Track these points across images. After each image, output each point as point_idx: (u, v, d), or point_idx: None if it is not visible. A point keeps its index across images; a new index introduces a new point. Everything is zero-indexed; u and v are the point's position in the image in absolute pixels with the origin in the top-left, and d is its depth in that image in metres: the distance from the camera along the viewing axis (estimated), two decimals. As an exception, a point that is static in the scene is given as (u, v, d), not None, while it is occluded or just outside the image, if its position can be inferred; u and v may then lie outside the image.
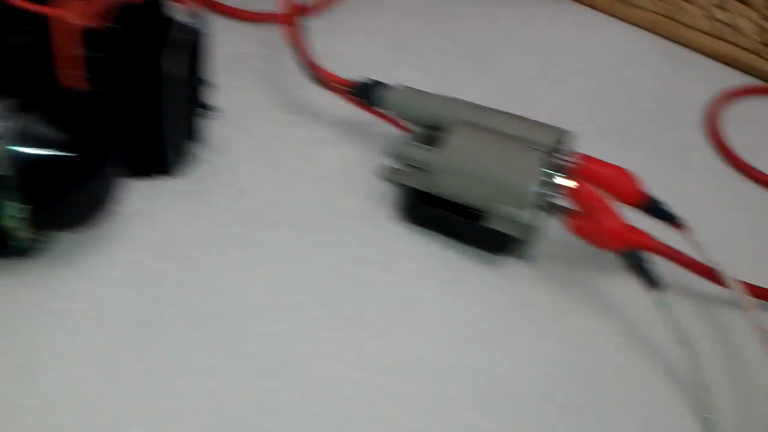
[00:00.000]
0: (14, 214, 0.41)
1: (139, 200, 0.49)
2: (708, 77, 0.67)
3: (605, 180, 0.46)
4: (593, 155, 0.47)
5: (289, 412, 0.41)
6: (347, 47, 0.64)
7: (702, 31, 0.70)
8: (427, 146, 0.48)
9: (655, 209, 0.47)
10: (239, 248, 0.48)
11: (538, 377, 0.44)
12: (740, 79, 0.68)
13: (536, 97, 0.62)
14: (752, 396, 0.44)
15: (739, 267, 0.46)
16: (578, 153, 0.47)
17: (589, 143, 0.49)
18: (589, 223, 0.45)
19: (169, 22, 0.48)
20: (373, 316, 0.46)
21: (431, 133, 0.49)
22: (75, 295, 0.44)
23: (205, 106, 0.52)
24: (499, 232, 0.47)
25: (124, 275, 0.45)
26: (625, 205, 0.47)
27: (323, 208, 0.51)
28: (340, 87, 0.53)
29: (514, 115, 0.49)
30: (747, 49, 0.68)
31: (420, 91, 0.51)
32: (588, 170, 0.46)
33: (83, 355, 0.42)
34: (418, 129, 0.51)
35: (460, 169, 0.46)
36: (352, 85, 0.53)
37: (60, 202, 0.42)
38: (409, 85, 0.52)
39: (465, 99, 0.51)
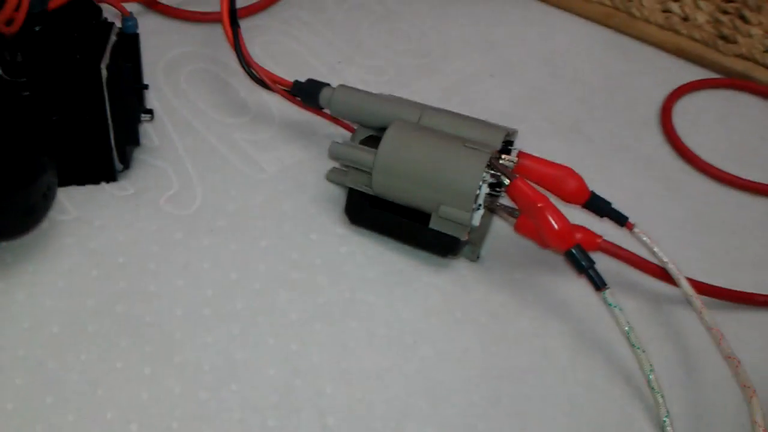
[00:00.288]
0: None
1: (78, 206, 0.48)
2: (662, 71, 0.67)
3: (550, 180, 0.45)
4: (544, 152, 0.47)
5: (229, 422, 0.40)
6: (295, 45, 0.63)
7: (656, 24, 0.69)
8: (363, 146, 0.47)
9: (600, 208, 0.46)
10: (180, 254, 0.47)
11: (486, 381, 0.43)
12: (695, 72, 0.67)
13: (487, 94, 0.62)
14: (703, 395, 0.44)
15: (689, 264, 0.46)
16: (524, 153, 0.46)
17: (541, 140, 0.48)
18: (535, 224, 0.44)
19: (108, 26, 0.47)
20: (318, 322, 0.45)
21: (378, 134, 0.48)
22: (11, 304, 0.43)
23: (146, 110, 0.51)
24: (445, 234, 0.46)
25: (62, 283, 0.44)
26: (571, 204, 0.46)
27: (267, 212, 0.50)
28: (280, 87, 0.52)
29: (458, 114, 0.48)
30: (702, 42, 0.68)
31: (357, 90, 0.50)
32: (533, 170, 0.46)
33: (20, 365, 0.41)
34: (362, 129, 0.49)
35: (397, 170, 0.45)
36: (291, 84, 0.52)
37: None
38: (350, 84, 0.51)
39: (412, 97, 0.50)
